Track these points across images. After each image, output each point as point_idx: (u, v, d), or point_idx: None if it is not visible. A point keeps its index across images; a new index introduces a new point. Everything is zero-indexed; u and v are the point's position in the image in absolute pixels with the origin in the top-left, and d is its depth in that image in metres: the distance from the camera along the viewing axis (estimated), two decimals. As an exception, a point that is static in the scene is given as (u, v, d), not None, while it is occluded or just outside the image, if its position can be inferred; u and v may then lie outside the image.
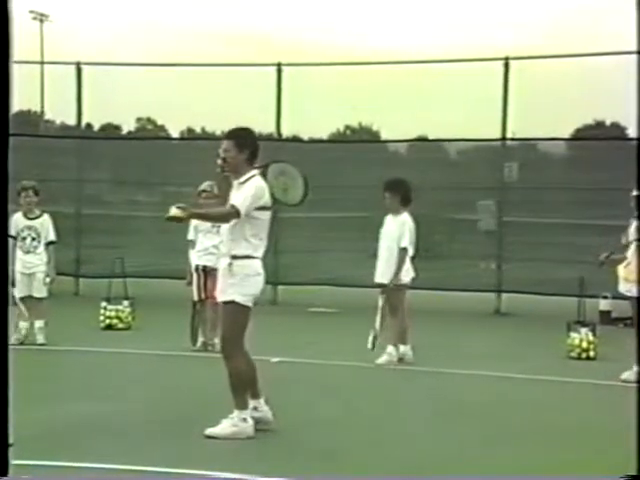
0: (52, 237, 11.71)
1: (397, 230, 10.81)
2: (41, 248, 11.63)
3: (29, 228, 11.58)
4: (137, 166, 18.46)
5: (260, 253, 7.18)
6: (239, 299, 7.06)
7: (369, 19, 69.95)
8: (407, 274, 10.86)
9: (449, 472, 6.34)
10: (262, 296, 7.44)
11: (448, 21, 64.01)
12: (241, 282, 7.05)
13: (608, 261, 10.45)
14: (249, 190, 7.08)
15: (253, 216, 7.10)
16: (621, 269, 10.44)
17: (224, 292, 7.12)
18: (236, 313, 7.08)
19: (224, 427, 6.95)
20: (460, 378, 10.13)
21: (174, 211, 6.98)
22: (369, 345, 10.57)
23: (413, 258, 10.98)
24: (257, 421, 7.22)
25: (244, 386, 7.07)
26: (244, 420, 6.99)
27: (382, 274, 10.91)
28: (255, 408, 7.25)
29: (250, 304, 7.12)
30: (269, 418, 7.27)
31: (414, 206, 11.14)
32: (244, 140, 7.23)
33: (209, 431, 6.92)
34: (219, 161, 7.20)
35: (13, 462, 3.38)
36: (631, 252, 10.27)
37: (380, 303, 10.85)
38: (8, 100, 3.18)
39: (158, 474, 6.04)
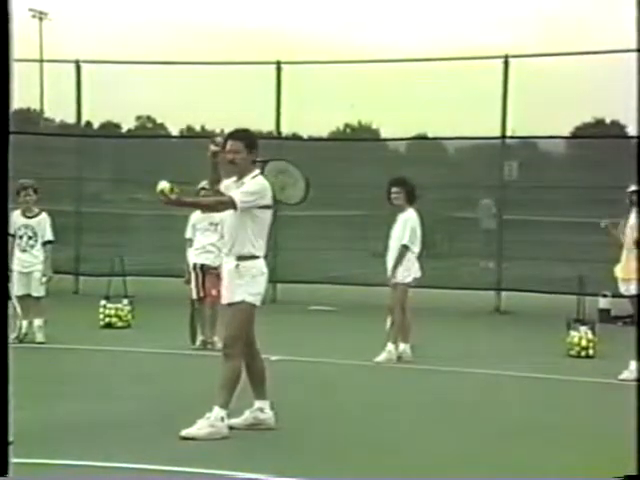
0: (49, 236, 11.71)
1: (401, 228, 10.84)
2: (38, 247, 11.63)
3: (26, 227, 11.58)
4: (137, 164, 18.46)
5: (263, 252, 7.20)
6: (249, 299, 7.07)
7: (368, 17, 69.91)
8: (409, 274, 10.83)
9: (448, 471, 6.33)
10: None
11: (448, 19, 63.93)
12: (249, 283, 7.07)
13: (611, 227, 10.49)
14: (250, 187, 7.08)
15: (256, 215, 7.11)
16: (618, 271, 10.45)
17: (233, 293, 7.11)
18: (245, 312, 7.10)
19: (200, 427, 6.91)
20: (459, 376, 10.13)
21: (164, 185, 6.97)
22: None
23: (419, 257, 10.97)
24: (260, 423, 7.24)
25: (234, 386, 7.08)
26: (221, 419, 6.97)
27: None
28: (261, 409, 7.27)
29: (258, 303, 7.15)
30: (272, 423, 7.27)
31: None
32: (252, 140, 7.25)
33: (185, 432, 6.87)
34: (228, 158, 7.18)
35: (13, 460, 3.38)
36: (625, 251, 10.27)
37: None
38: (8, 98, 3.18)
39: (158, 472, 6.04)
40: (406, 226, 10.82)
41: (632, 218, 10.34)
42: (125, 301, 13.17)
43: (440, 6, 64.99)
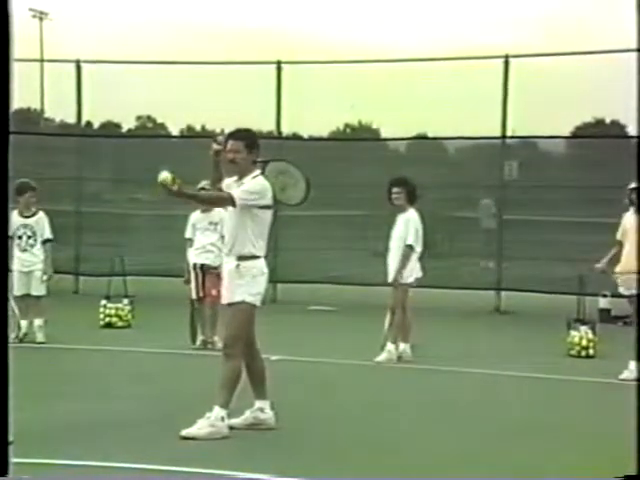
0: (48, 235, 11.71)
1: (404, 228, 10.81)
2: (38, 246, 11.64)
3: (25, 226, 11.59)
4: (137, 164, 18.45)
5: (263, 252, 7.19)
6: (249, 299, 7.07)
7: (368, 17, 69.93)
8: (411, 274, 10.82)
9: (448, 471, 6.33)
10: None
11: (448, 19, 63.94)
12: (249, 283, 7.07)
13: (606, 269, 10.45)
14: (250, 186, 7.08)
15: (256, 215, 7.11)
16: (618, 269, 10.41)
17: (233, 293, 7.11)
18: (245, 313, 7.10)
19: (201, 427, 6.91)
20: (459, 376, 10.13)
21: (165, 175, 6.92)
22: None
23: (421, 258, 10.95)
24: (260, 423, 7.24)
25: (235, 386, 7.08)
26: (222, 419, 6.97)
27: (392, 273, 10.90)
28: (261, 409, 7.27)
29: (259, 303, 7.14)
30: (272, 423, 7.27)
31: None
32: (253, 140, 7.25)
33: (185, 432, 6.87)
34: (229, 157, 7.17)
35: (13, 460, 3.38)
36: (626, 251, 10.23)
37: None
38: (8, 98, 3.18)
39: (158, 472, 6.03)
40: (408, 226, 10.80)
41: (629, 216, 10.30)
42: (125, 301, 13.17)
43: (440, 6, 64.97)
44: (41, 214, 11.79)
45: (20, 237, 11.57)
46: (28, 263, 11.57)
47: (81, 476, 5.99)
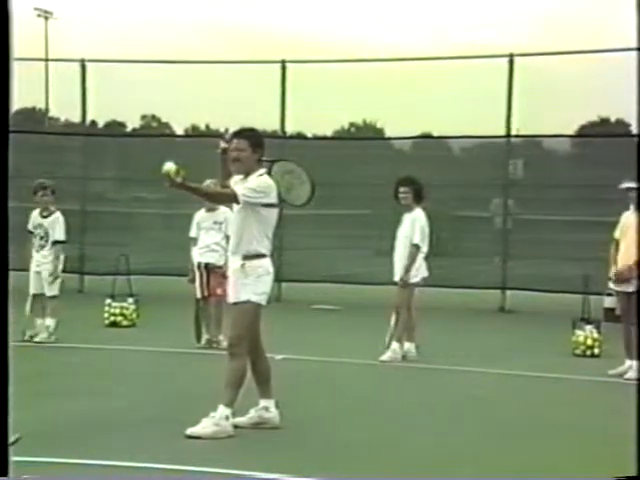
0: (58, 236, 11.65)
1: (410, 228, 10.81)
2: (48, 247, 11.62)
3: (40, 226, 11.62)
4: (141, 163, 18.47)
5: (269, 250, 7.20)
6: (254, 298, 7.07)
7: (373, 16, 69.98)
8: (417, 273, 10.81)
9: (450, 471, 6.32)
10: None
11: (453, 18, 63.96)
12: (254, 282, 7.07)
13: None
14: (254, 183, 7.09)
15: (261, 213, 7.11)
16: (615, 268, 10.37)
17: (238, 292, 7.11)
18: (251, 312, 7.10)
19: (205, 426, 6.90)
20: (464, 375, 10.13)
21: (170, 166, 6.81)
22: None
23: (426, 257, 10.94)
24: (265, 422, 7.24)
25: (239, 385, 7.08)
26: (226, 418, 6.97)
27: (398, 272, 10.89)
28: (266, 408, 7.27)
29: (264, 302, 7.14)
30: (276, 422, 7.27)
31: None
32: (258, 139, 7.26)
33: (190, 430, 6.86)
34: (232, 156, 7.17)
35: (14, 459, 3.38)
36: (623, 248, 10.18)
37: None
38: (8, 98, 3.18)
39: (162, 471, 6.04)
40: (415, 225, 10.80)
41: (628, 215, 10.26)
42: (130, 300, 13.18)
43: (445, 5, 65.00)
44: (57, 215, 11.72)
45: (35, 237, 11.61)
46: (38, 263, 11.60)
47: (83, 475, 5.99)
